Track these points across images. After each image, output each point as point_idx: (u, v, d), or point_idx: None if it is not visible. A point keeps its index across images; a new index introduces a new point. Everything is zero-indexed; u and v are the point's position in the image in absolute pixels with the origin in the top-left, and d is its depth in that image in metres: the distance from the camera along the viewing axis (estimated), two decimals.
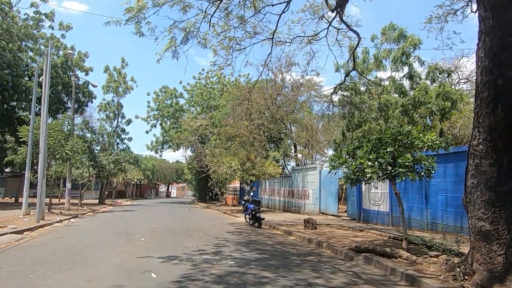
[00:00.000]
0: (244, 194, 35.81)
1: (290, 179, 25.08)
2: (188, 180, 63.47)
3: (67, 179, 20.40)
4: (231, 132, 24.18)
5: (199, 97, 38.38)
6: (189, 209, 28.75)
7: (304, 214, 21.94)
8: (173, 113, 40.32)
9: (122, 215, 19.48)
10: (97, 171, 22.31)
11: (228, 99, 30.82)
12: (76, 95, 30.32)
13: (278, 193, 27.63)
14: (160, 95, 40.55)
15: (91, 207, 25.29)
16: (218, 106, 34.90)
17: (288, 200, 25.28)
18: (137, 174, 46.21)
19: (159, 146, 41.98)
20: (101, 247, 8.39)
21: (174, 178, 76.04)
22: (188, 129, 32.18)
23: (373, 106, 17.55)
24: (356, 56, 19.76)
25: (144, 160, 59.13)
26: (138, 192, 61.95)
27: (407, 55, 16.66)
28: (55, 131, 17.06)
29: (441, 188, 12.07)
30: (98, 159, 21.78)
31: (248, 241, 10.14)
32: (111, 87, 31.71)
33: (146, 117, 40.32)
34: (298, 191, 23.65)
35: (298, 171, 23.94)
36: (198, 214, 22.85)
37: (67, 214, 18.47)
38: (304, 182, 22.90)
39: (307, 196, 22.55)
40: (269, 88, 26.28)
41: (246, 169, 22.25)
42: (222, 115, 30.40)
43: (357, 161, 8.52)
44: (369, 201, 16.27)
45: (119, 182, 44.31)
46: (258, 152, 23.55)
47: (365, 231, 12.72)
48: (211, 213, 24.46)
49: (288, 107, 26.57)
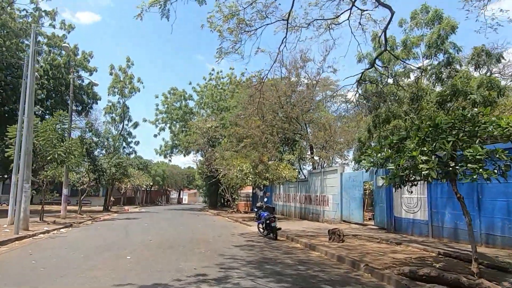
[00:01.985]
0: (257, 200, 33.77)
1: (307, 184, 22.91)
2: (199, 185, 61.65)
3: (63, 184, 18.69)
4: (242, 132, 22.20)
5: (209, 98, 36.60)
6: (197, 216, 26.78)
7: (324, 222, 19.76)
8: (182, 116, 38.63)
9: (122, 224, 17.63)
10: (97, 176, 20.58)
11: (239, 99, 28.95)
12: (80, 97, 28.96)
13: (293, 199, 25.50)
14: (168, 97, 38.95)
15: (93, 214, 23.56)
16: (229, 108, 33.03)
17: (305, 207, 23.09)
18: (146, 180, 44.62)
19: (168, 151, 40.29)
20: (69, 270, 6.43)
21: (186, 184, 74.35)
22: (197, 132, 30.37)
23: (403, 97, 15.32)
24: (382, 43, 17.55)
25: (154, 165, 57.63)
26: (148, 198, 60.38)
27: (444, 38, 14.43)
28: (46, 131, 15.35)
29: (500, 191, 9.74)
30: (98, 162, 20.07)
31: (262, 259, 8.05)
32: (116, 87, 30.16)
33: (154, 120, 38.75)
34: (316, 196, 21.45)
35: (316, 175, 21.76)
36: (206, 222, 20.85)
37: (61, 223, 16.71)
38: (323, 187, 20.72)
39: (326, 202, 20.34)
40: (283, 85, 24.28)
41: (259, 172, 20.20)
42: (233, 116, 28.50)
43: (406, 155, 6.38)
44: (402, 207, 13.98)
45: (128, 188, 42.78)
46: (271, 154, 21.48)
47: (404, 245, 10.46)
48: (220, 221, 22.42)
49: (304, 106, 24.46)
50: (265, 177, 20.30)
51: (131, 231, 14.31)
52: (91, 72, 29.66)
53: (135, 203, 52.18)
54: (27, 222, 12.66)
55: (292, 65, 24.11)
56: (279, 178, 20.62)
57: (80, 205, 20.94)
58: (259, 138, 21.22)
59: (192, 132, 32.76)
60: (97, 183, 21.07)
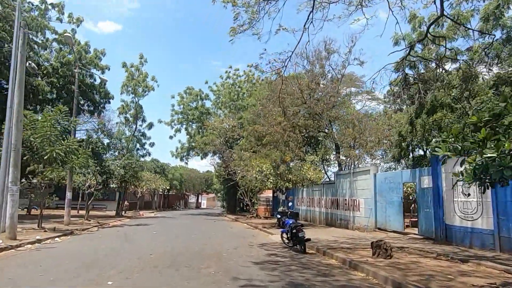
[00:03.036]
0: (278, 205, 31.62)
1: (333, 186, 20.63)
2: (217, 189, 59.91)
3: (67, 187, 17.11)
4: (261, 130, 20.13)
5: (226, 97, 34.76)
6: (214, 222, 24.83)
7: (354, 230, 17.47)
8: (198, 117, 36.94)
9: (129, 232, 15.84)
10: (105, 178, 18.94)
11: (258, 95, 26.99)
12: (91, 95, 27.65)
13: (318, 203, 23.25)
14: (185, 97, 37.37)
15: (102, 220, 21.97)
16: (247, 107, 31.07)
17: (332, 212, 20.80)
18: (163, 184, 43.15)
19: (185, 153, 38.65)
20: None
21: (204, 188, 72.78)
22: (214, 133, 28.53)
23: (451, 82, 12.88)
24: (423, 22, 15.19)
25: (171, 169, 56.28)
26: (166, 203, 59.05)
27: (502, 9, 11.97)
28: (43, 127, 13.76)
29: None
30: (105, 163, 18.43)
31: (289, 285, 5.93)
32: (129, 86, 28.71)
33: (169, 121, 37.20)
34: (344, 200, 19.17)
35: (344, 177, 19.47)
36: (222, 229, 18.85)
37: (62, 230, 15.06)
38: (352, 190, 18.44)
39: (356, 206, 18.03)
40: (306, 79, 22.12)
41: (280, 174, 18.07)
42: (251, 116, 26.50)
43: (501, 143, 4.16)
44: (456, 213, 11.55)
45: (144, 192, 41.40)
46: (294, 154, 19.31)
47: (473, 263, 8.09)
48: (239, 227, 20.38)
49: (328, 101, 22.18)
50: (288, 179, 18.16)
51: (134, 240, 12.45)
52: (103, 70, 28.32)
53: (152, 208, 50.86)
54: (14, 230, 10.96)
55: (315, 56, 21.94)
56: (303, 180, 18.43)
57: (87, 210, 19.35)
58: (281, 135, 19.09)
59: (208, 133, 30.97)
60: (104, 186, 19.43)
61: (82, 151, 15.62)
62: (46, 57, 27.23)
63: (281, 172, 17.90)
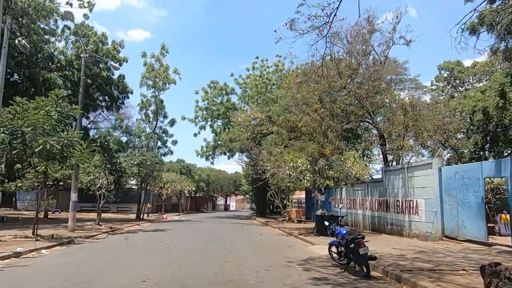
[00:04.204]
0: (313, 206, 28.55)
1: (381, 185, 17.33)
2: (245, 191, 57.25)
3: (72, 187, 14.84)
4: (294, 120, 17.09)
5: (253, 90, 31.94)
6: (241, 227, 21.99)
7: (412, 237, 14.21)
8: (224, 112, 34.34)
9: (139, 240, 13.29)
10: (116, 177, 16.59)
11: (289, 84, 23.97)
12: (109, 89, 25.71)
13: (361, 205, 20.00)
14: (209, 92, 34.89)
15: (118, 224, 19.71)
16: (276, 99, 28.10)
17: (380, 215, 17.50)
18: (188, 185, 40.97)
19: (210, 152, 36.15)
20: None
21: (232, 190, 70.36)
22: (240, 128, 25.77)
23: None
24: None
25: (198, 170, 54.20)
26: (193, 205, 57.02)
27: None
28: (35, 114, 11.48)
29: None
30: (115, 160, 16.07)
31: None
32: (149, 78, 26.49)
33: (193, 118, 34.81)
34: (396, 201, 15.86)
35: (395, 173, 16.13)
36: (251, 236, 15.97)
37: (64, 237, 12.75)
38: (407, 188, 15.10)
39: (414, 209, 14.69)
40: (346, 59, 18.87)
41: (319, 170, 14.96)
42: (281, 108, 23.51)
43: None
44: None
45: (169, 194, 39.34)
46: (334, 146, 16.12)
47: None
48: (270, 234, 17.44)
49: (372, 85, 18.81)
50: (328, 176, 15.01)
51: (138, 253, 9.78)
52: (121, 63, 26.32)
53: (179, 210, 48.87)
54: None
55: (356, 32, 18.64)
56: (347, 178, 15.22)
57: (98, 214, 17.06)
58: (318, 124, 15.98)
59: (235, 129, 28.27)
60: (117, 186, 17.08)
61: (85, 145, 13.26)
62: (61, 51, 25.58)
63: (320, 167, 14.79)
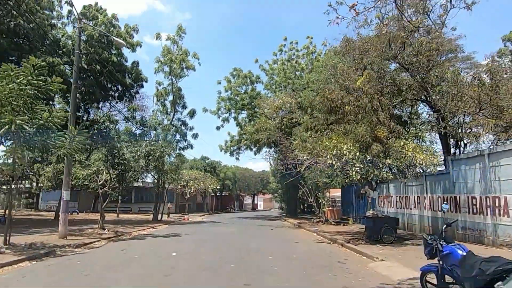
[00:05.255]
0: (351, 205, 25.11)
1: (446, 178, 13.65)
2: (274, 189, 53.80)
3: (63, 184, 12.03)
4: (334, 97, 13.49)
5: (281, 75, 28.49)
6: (271, 230, 18.63)
7: (499, 246, 10.76)
8: (249, 103, 31.09)
9: (137, 252, 10.24)
10: (120, 172, 13.66)
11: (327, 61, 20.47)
12: (120, 76, 23.04)
13: (416, 204, 16.44)
14: (232, 81, 31.75)
15: (127, 227, 16.92)
16: (307, 84, 24.54)
17: (444, 217, 13.62)
18: (213, 183, 38.17)
19: (235, 146, 33.03)
20: None
21: (260, 188, 67.04)
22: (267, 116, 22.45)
23: None
24: None
25: (223, 168, 51.34)
26: (219, 204, 54.21)
27: None
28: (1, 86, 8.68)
29: None
30: (116, 151, 13.15)
31: None
32: (165, 63, 23.61)
33: (216, 110, 31.78)
34: (471, 199, 12.16)
35: (468, 162, 12.37)
36: (284, 245, 12.60)
37: (46, 246, 9.93)
38: (489, 182, 11.37)
39: (501, 208, 10.95)
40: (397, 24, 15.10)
41: (373, 158, 11.39)
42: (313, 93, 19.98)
43: None
44: None
45: (192, 193, 36.63)
46: (390, 127, 12.46)
47: None
48: (307, 240, 13.99)
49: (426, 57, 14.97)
50: (386, 166, 11.41)
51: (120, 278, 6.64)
52: (134, 48, 23.63)
53: (204, 210, 46.17)
54: None
55: None
56: (409, 167, 11.53)
57: (101, 216, 14.24)
58: (369, 100, 12.37)
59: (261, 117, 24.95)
60: (121, 183, 14.11)
61: (75, 132, 10.38)
62: (68, 35, 23.19)
63: (374, 155, 11.18)
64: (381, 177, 11.36)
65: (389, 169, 11.43)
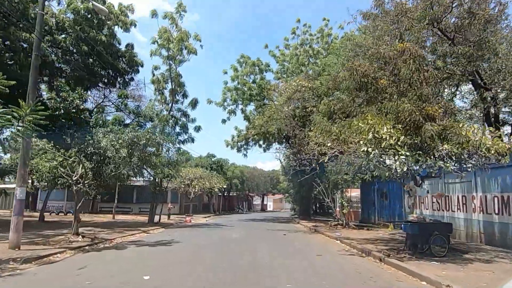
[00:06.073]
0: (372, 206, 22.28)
1: (506, 173, 10.78)
2: (284, 189, 50.71)
3: (17, 179, 9.26)
4: (366, 69, 10.47)
5: (293, 60, 25.49)
6: (284, 236, 15.63)
7: None
8: (257, 94, 28.13)
9: (98, 270, 7.40)
10: (95, 165, 10.83)
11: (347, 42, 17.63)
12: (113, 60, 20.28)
13: (462, 205, 13.62)
14: (239, 69, 28.82)
15: (117, 232, 14.19)
16: (324, 68, 21.50)
17: (505, 221, 11.02)
18: (219, 182, 35.31)
19: (242, 142, 30.10)
20: None
21: (269, 188, 63.95)
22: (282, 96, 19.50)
23: None
24: None
25: (231, 166, 48.43)
26: (226, 205, 51.33)
27: None
28: None
29: None
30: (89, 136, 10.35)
31: None
32: (162, 46, 20.82)
33: (221, 101, 28.87)
34: None
35: None
36: (302, 258, 9.64)
37: None
38: None
39: None
40: None
41: (424, 142, 8.37)
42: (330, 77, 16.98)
43: None
44: None
45: (196, 193, 33.83)
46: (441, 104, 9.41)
47: None
48: (330, 251, 10.98)
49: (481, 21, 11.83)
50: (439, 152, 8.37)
51: None
52: (128, 28, 20.85)
53: (210, 211, 43.33)
54: None
55: None
56: (471, 155, 8.47)
57: (76, 219, 11.49)
58: (412, 71, 9.31)
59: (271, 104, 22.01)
60: (96, 178, 11.25)
61: (27, 108, 7.60)
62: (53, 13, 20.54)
63: (427, 139, 8.15)
64: (437, 168, 8.27)
65: (448, 158, 8.35)
